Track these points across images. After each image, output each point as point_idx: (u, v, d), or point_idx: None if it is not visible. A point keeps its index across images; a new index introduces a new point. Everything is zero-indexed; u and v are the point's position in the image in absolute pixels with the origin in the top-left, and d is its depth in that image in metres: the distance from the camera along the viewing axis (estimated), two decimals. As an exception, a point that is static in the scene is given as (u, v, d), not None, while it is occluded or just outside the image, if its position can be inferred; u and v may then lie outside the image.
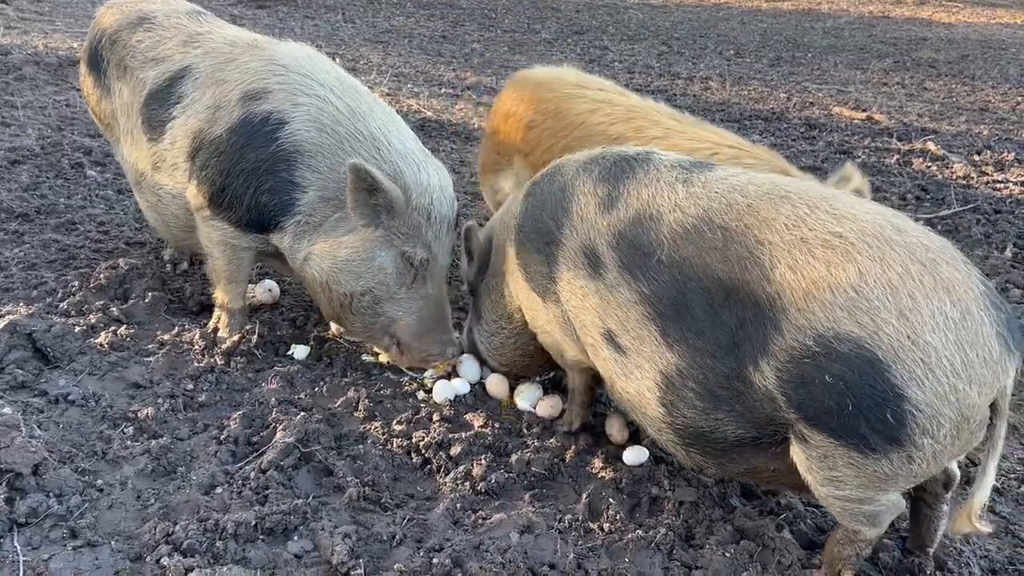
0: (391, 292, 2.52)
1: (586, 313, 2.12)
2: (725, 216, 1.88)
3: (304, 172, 2.51)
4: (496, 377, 2.70)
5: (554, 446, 2.40)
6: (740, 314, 1.81)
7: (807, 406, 1.73)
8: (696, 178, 2.00)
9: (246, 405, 2.46)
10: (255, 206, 2.56)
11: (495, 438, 2.41)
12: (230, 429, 2.32)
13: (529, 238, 2.28)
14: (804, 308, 1.73)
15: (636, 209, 2.03)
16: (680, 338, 1.91)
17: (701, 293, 1.87)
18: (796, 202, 1.84)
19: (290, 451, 2.22)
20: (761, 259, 1.80)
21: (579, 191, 2.17)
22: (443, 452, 2.32)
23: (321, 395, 2.57)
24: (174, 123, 2.67)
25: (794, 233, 1.79)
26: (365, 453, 2.29)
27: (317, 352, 2.84)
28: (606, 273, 2.05)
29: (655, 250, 1.95)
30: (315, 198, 2.52)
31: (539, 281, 2.27)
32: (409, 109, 5.92)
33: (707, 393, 1.89)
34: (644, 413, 2.07)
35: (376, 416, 2.49)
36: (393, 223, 2.45)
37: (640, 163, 2.12)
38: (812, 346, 1.71)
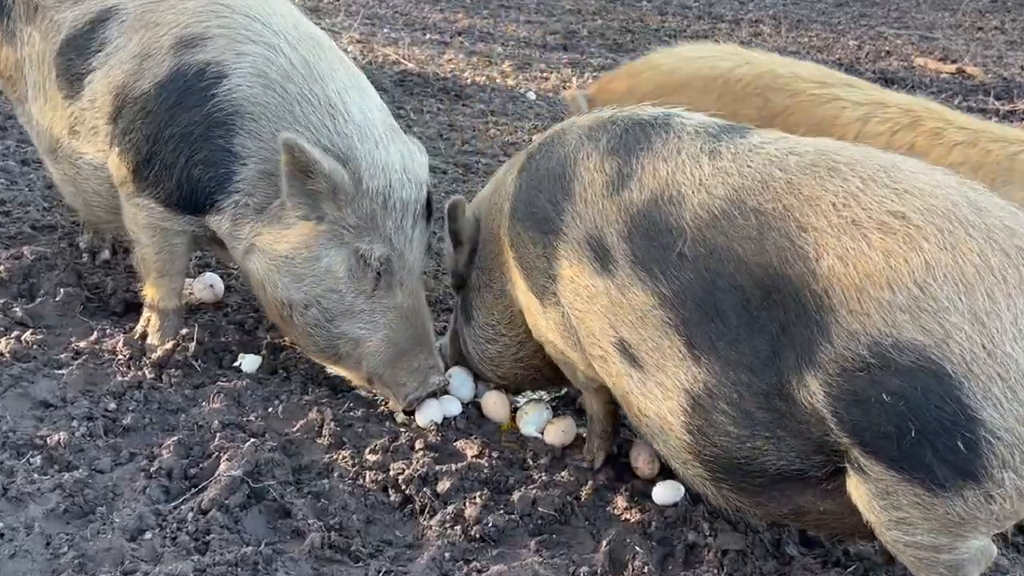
0: (346, 303, 2.49)
1: (593, 318, 2.11)
2: (760, 196, 1.88)
3: (244, 139, 2.50)
4: (494, 395, 2.70)
5: (566, 481, 2.40)
6: (782, 317, 1.81)
7: (862, 429, 1.73)
8: (725, 148, 2.00)
9: (182, 429, 2.46)
10: (187, 180, 2.55)
11: (493, 471, 2.40)
12: (162, 459, 2.31)
13: (523, 225, 2.27)
14: (857, 309, 1.72)
15: (652, 189, 2.02)
16: (709, 348, 1.90)
17: (734, 293, 1.86)
18: (847, 175, 1.83)
19: (237, 487, 2.21)
20: (805, 249, 1.80)
21: (583, 166, 2.16)
22: (428, 488, 2.31)
23: (275, 417, 2.56)
24: (94, 76, 2.65)
25: (844, 215, 1.78)
26: (331, 489, 2.28)
27: (270, 363, 2.83)
28: (617, 269, 2.04)
29: (676, 241, 1.95)
30: (256, 173, 2.51)
31: (536, 279, 2.26)
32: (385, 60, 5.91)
33: (742, 415, 1.89)
34: (666, 441, 2.07)
35: (344, 443, 2.48)
36: (340, 214, 2.43)
37: (657, 129, 2.11)
38: (866, 356, 1.70)
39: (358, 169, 2.43)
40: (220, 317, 3.04)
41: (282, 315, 2.57)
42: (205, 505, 2.17)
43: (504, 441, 2.59)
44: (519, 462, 2.49)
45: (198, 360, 2.75)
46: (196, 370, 2.73)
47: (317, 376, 2.79)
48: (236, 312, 3.11)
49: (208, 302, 3.11)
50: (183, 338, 2.78)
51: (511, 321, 2.50)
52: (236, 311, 3.11)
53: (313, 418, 2.54)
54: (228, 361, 2.81)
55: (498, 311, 2.52)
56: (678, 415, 1.98)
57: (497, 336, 2.55)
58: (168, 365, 2.70)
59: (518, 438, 2.61)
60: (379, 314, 2.50)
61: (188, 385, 2.66)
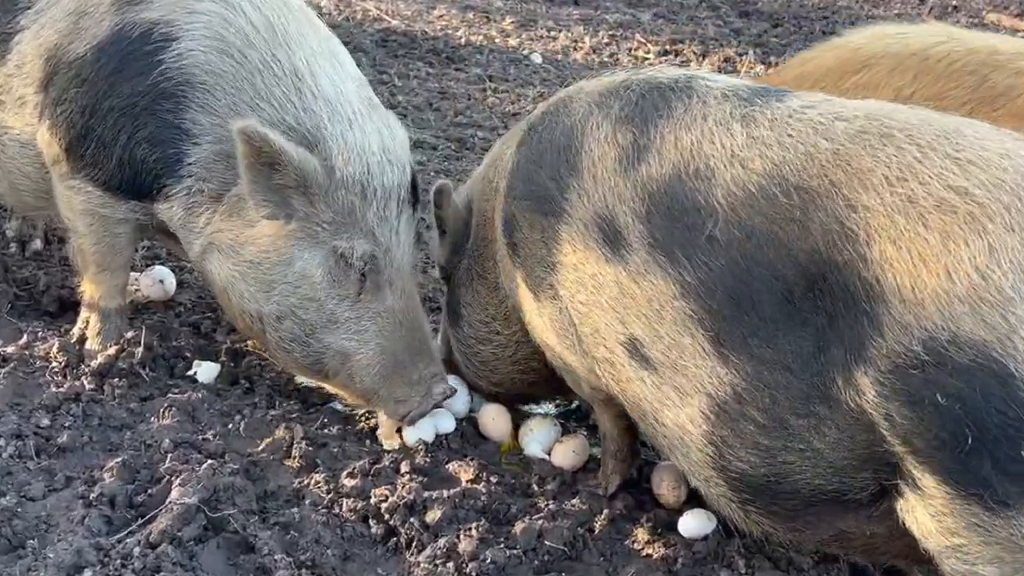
0: (327, 312, 2.49)
1: (598, 313, 2.13)
2: (804, 170, 1.89)
3: (196, 114, 2.50)
4: (493, 409, 2.70)
5: (578, 510, 2.40)
6: (829, 308, 1.83)
7: (915, 434, 1.75)
8: (760, 114, 2.01)
9: (127, 449, 2.46)
10: (130, 161, 2.55)
11: (492, 498, 2.40)
12: (104, 484, 2.31)
13: (520, 206, 2.28)
14: (911, 299, 1.74)
15: (675, 162, 2.03)
16: (740, 346, 1.92)
17: (773, 282, 1.88)
18: (902, 143, 1.85)
19: (192, 516, 2.21)
20: (854, 231, 1.81)
21: (592, 137, 2.17)
22: (416, 519, 2.31)
23: (237, 435, 2.56)
24: (22, 37, 2.65)
25: (899, 191, 1.80)
26: (301, 520, 2.28)
27: (230, 372, 2.83)
28: (630, 254, 2.05)
29: (705, 221, 1.96)
30: (211, 154, 2.51)
31: (532, 269, 2.27)
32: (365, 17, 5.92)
33: (774, 424, 1.90)
34: (686, 454, 2.08)
35: (318, 465, 2.48)
36: (312, 209, 2.43)
37: (679, 94, 2.12)
38: (920, 352, 1.72)
39: (330, 155, 2.43)
40: (171, 318, 3.04)
41: (252, 328, 2.57)
42: (154, 538, 2.16)
43: (505, 463, 2.59)
44: (522, 488, 2.49)
45: (145, 368, 2.75)
46: (143, 380, 2.72)
47: (285, 387, 2.80)
48: (190, 312, 3.10)
49: (157, 300, 3.11)
50: (128, 342, 2.78)
51: (507, 318, 2.51)
52: (190, 311, 3.11)
53: (281, 436, 2.54)
54: (181, 369, 2.81)
55: (492, 307, 2.53)
56: (699, 423, 1.99)
57: (491, 335, 2.56)
58: (110, 374, 2.70)
59: (521, 460, 2.61)
60: (368, 321, 2.50)
61: (134, 397, 2.66)
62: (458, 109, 4.91)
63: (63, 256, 3.15)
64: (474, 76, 5.36)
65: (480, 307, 2.56)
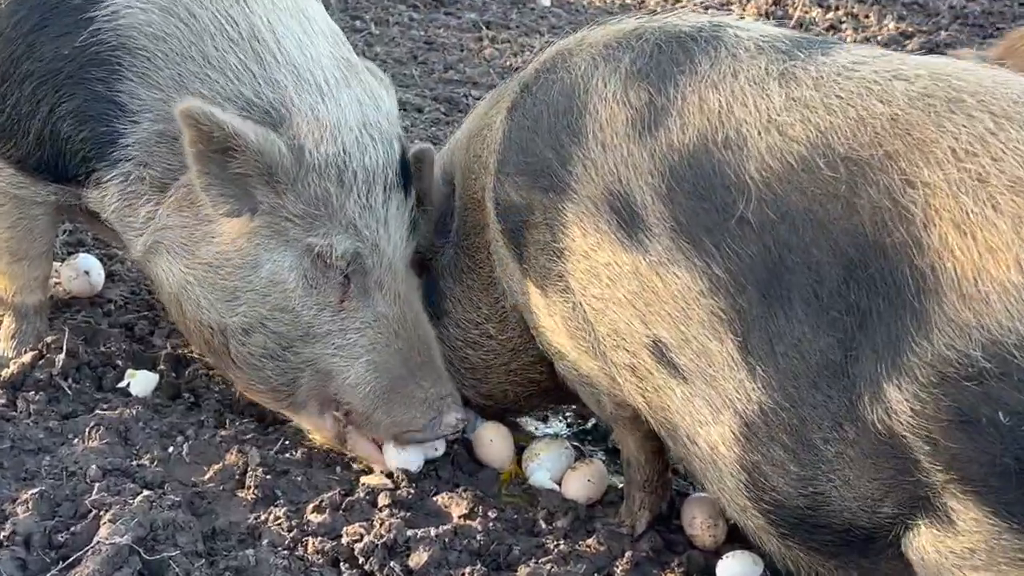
0: (304, 324, 2.51)
1: (617, 310, 2.15)
2: (854, 139, 1.91)
3: (134, 86, 2.51)
4: (491, 429, 2.72)
5: (594, 552, 2.41)
6: (864, 304, 1.86)
7: (966, 460, 1.77)
8: (802, 70, 2.03)
9: (46, 478, 2.47)
10: (52, 138, 2.56)
11: (489, 537, 2.41)
12: (17, 520, 2.31)
13: (515, 183, 2.30)
14: (972, 294, 1.77)
15: (700, 129, 2.05)
16: (767, 354, 1.95)
17: (806, 272, 1.91)
18: (974, 110, 1.87)
19: (124, 559, 2.22)
20: (911, 211, 1.84)
21: (598, 97, 2.19)
22: (397, 562, 2.33)
23: (179, 460, 2.58)
24: None
25: (967, 166, 1.82)
26: (257, 563, 2.29)
27: (171, 383, 2.85)
28: (651, 240, 2.07)
29: (736, 201, 1.98)
30: (152, 135, 2.52)
31: (535, 258, 2.29)
32: (335, -52, 5.91)
33: (804, 449, 1.94)
34: (719, 480, 2.11)
35: (277, 497, 2.50)
36: (279, 201, 2.44)
37: (704, 45, 2.14)
38: (979, 359, 1.75)
39: (298, 134, 2.44)
40: (99, 317, 3.05)
41: (212, 343, 2.58)
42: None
43: (505, 495, 2.61)
44: (527, 525, 2.51)
45: (68, 379, 2.77)
46: (66, 393, 2.74)
47: (238, 401, 2.81)
48: (122, 310, 3.11)
49: (82, 296, 3.12)
50: (47, 347, 2.80)
51: (502, 321, 2.54)
52: (122, 309, 3.12)
53: (232, 462, 2.55)
54: (112, 380, 2.82)
55: (485, 306, 2.56)
56: (730, 445, 2.03)
57: (481, 339, 2.59)
58: (25, 386, 2.72)
59: (525, 491, 2.63)
60: (355, 333, 2.51)
61: (54, 415, 2.67)
62: (448, 62, 4.93)
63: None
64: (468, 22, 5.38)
65: (470, 305, 2.58)
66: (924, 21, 5.86)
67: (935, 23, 5.84)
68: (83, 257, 3.19)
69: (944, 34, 5.63)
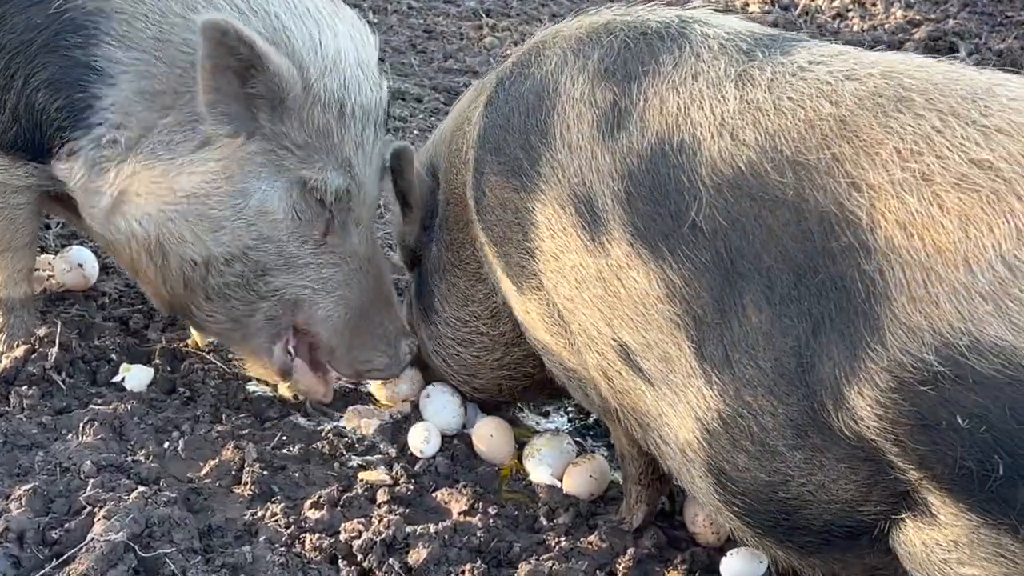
0: (287, 255, 2.55)
1: (585, 311, 2.16)
2: (802, 141, 1.91)
3: (111, 49, 2.51)
4: (491, 423, 2.72)
5: (596, 548, 2.42)
6: (815, 310, 1.85)
7: (933, 461, 1.77)
8: (759, 71, 2.03)
9: (39, 474, 2.46)
10: (27, 111, 2.56)
11: (490, 534, 2.41)
12: (10, 517, 2.32)
13: (490, 181, 2.30)
14: (921, 296, 1.76)
15: (659, 132, 2.05)
16: (722, 361, 1.95)
17: (757, 279, 1.91)
18: (921, 108, 1.87)
19: (119, 556, 2.22)
20: (856, 214, 1.84)
21: (565, 95, 2.19)
22: (395, 559, 2.33)
23: (175, 455, 2.58)
24: None
25: (911, 166, 1.82)
26: (254, 560, 2.29)
27: (167, 378, 2.85)
28: (612, 245, 2.08)
29: (689, 206, 1.98)
30: (131, 95, 2.52)
31: (510, 256, 2.30)
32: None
33: (768, 456, 1.95)
34: (691, 483, 2.13)
35: (275, 494, 2.50)
36: (281, 128, 2.47)
37: (668, 44, 2.14)
38: (933, 362, 1.74)
39: (301, 63, 2.47)
40: (93, 311, 3.06)
41: (188, 280, 2.58)
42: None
43: (506, 491, 2.61)
44: (527, 521, 2.51)
45: (61, 373, 2.76)
46: (58, 388, 2.74)
47: (235, 396, 2.82)
48: (116, 303, 3.12)
49: (76, 289, 3.12)
50: (39, 341, 2.79)
51: (493, 316, 2.54)
52: (116, 302, 3.12)
53: (228, 457, 2.56)
54: (105, 375, 2.82)
55: (475, 302, 2.56)
56: (697, 450, 2.03)
57: (472, 336, 2.60)
58: (17, 380, 2.71)
59: (526, 487, 2.63)
60: (331, 267, 2.58)
61: (48, 409, 2.67)
62: (448, 51, 4.92)
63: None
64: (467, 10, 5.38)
65: (459, 302, 2.59)
66: (932, 9, 5.85)
67: (943, 11, 5.83)
68: (77, 250, 3.19)
69: (952, 22, 5.62)
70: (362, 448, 2.70)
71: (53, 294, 3.09)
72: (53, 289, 3.10)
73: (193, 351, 2.95)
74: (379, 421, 2.75)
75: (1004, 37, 5.52)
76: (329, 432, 2.73)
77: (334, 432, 2.73)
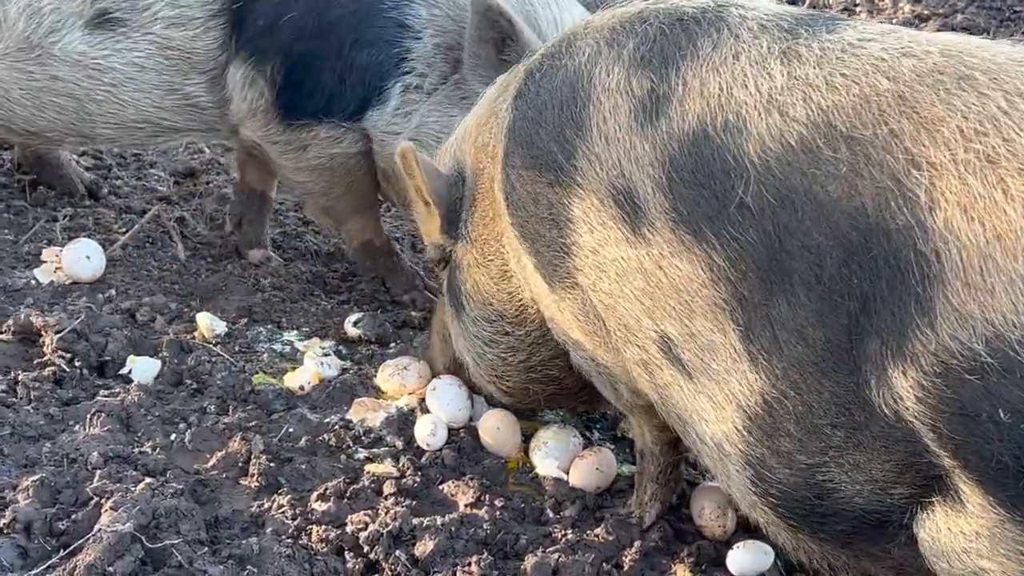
0: None
1: (626, 305, 2.14)
2: (858, 117, 1.90)
3: (419, 7, 2.98)
4: (497, 416, 2.72)
5: (602, 541, 2.42)
6: (866, 288, 1.84)
7: (968, 451, 1.77)
8: (805, 48, 2.01)
9: (46, 465, 2.48)
10: (351, 72, 2.98)
11: (496, 527, 2.42)
12: (17, 508, 2.33)
13: (521, 176, 2.29)
14: (977, 283, 1.75)
15: (700, 114, 2.03)
16: (770, 342, 1.94)
17: (806, 256, 1.89)
18: (985, 88, 1.84)
19: (126, 547, 2.23)
20: (914, 192, 1.82)
21: (601, 86, 2.17)
22: (402, 551, 2.34)
23: (181, 447, 2.59)
24: None
25: (976, 147, 1.80)
26: (261, 552, 2.30)
27: (174, 369, 2.86)
28: (653, 234, 2.06)
29: (735, 186, 1.96)
30: (431, 48, 3.00)
31: (543, 253, 2.28)
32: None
33: (811, 437, 1.94)
34: (728, 477, 2.12)
35: (281, 485, 2.51)
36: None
37: (706, 27, 2.12)
38: (982, 352, 1.73)
39: (545, 39, 2.77)
40: (101, 302, 3.06)
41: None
42: (80, 574, 2.18)
43: (513, 484, 2.61)
44: (533, 514, 2.51)
45: (66, 363, 2.78)
46: (66, 377, 2.75)
47: (241, 388, 2.82)
48: (123, 296, 3.13)
49: (84, 281, 3.13)
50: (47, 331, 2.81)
51: (519, 315, 2.52)
52: (123, 294, 3.13)
53: (235, 449, 2.56)
54: (113, 366, 2.84)
55: (499, 301, 2.54)
56: (736, 442, 2.02)
57: (497, 336, 2.58)
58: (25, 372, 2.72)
59: (532, 479, 2.63)
60: None
61: (55, 401, 2.68)
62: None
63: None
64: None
65: (483, 301, 2.56)
66: (940, 3, 5.83)
67: (951, 5, 5.80)
68: (84, 242, 3.20)
69: (960, 17, 5.60)
70: (369, 440, 2.69)
71: (60, 286, 3.10)
72: (60, 281, 3.11)
73: (200, 343, 2.95)
74: (386, 414, 2.74)
75: (1013, 32, 5.50)
76: (336, 424, 2.73)
77: (341, 424, 2.73)
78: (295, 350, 3.05)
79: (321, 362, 2.92)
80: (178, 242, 3.46)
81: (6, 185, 3.59)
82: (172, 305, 3.12)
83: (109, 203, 3.60)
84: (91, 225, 3.39)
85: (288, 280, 3.36)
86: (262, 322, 3.15)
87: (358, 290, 3.38)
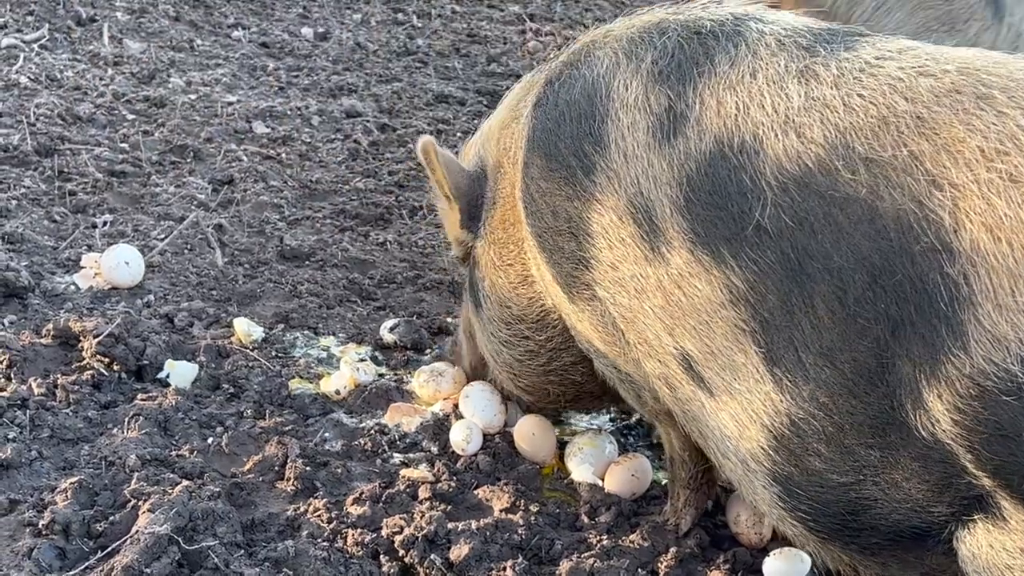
0: None
1: (646, 321, 2.14)
2: (876, 139, 1.88)
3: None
4: (533, 422, 2.72)
5: (637, 547, 2.41)
6: (894, 312, 1.83)
7: (1010, 473, 1.76)
8: (823, 67, 2.00)
9: (84, 467, 2.50)
10: None
11: (531, 532, 2.42)
12: (56, 510, 2.34)
13: (540, 187, 2.29)
14: (1008, 304, 1.74)
15: (717, 134, 2.02)
16: (794, 364, 1.93)
17: (828, 280, 1.88)
18: (1004, 106, 1.83)
19: (163, 549, 2.24)
20: (938, 215, 1.80)
21: (619, 100, 2.17)
22: (437, 555, 2.34)
23: (219, 451, 2.60)
24: None
25: (998, 166, 1.78)
26: (297, 555, 2.30)
27: (211, 374, 2.88)
28: (672, 253, 2.06)
29: (752, 207, 1.95)
30: None
31: (561, 264, 2.28)
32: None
33: (842, 456, 1.92)
34: (753, 493, 2.11)
35: (317, 489, 2.52)
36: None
37: (723, 43, 2.11)
38: (1018, 373, 1.72)
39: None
40: (139, 307, 3.08)
41: None
42: (117, 575, 2.18)
43: (547, 489, 2.61)
44: (568, 519, 2.51)
45: (105, 368, 2.80)
46: (105, 381, 2.77)
47: (278, 393, 2.84)
48: (162, 301, 3.14)
49: (122, 286, 3.15)
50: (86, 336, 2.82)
51: (540, 320, 2.52)
52: (162, 299, 3.15)
53: (272, 453, 2.57)
54: (151, 370, 2.85)
55: (517, 305, 2.54)
56: (761, 460, 2.02)
57: (515, 339, 2.58)
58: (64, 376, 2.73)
59: (567, 485, 2.63)
60: None
61: (92, 404, 2.70)
62: (491, 55, 4.93)
63: None
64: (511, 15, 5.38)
65: (502, 303, 2.56)
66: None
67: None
68: (123, 247, 3.22)
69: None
70: (404, 445, 2.71)
71: (99, 291, 3.12)
72: (100, 287, 3.14)
73: (237, 348, 2.97)
74: (421, 419, 2.76)
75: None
76: (371, 429, 2.74)
77: (376, 429, 2.74)
78: (331, 355, 3.07)
79: (357, 367, 2.93)
80: (216, 248, 3.47)
81: (47, 192, 3.62)
82: (210, 310, 3.14)
83: (148, 210, 3.62)
84: (130, 231, 3.41)
85: (324, 286, 3.37)
86: (299, 327, 3.16)
87: (394, 296, 3.38)
